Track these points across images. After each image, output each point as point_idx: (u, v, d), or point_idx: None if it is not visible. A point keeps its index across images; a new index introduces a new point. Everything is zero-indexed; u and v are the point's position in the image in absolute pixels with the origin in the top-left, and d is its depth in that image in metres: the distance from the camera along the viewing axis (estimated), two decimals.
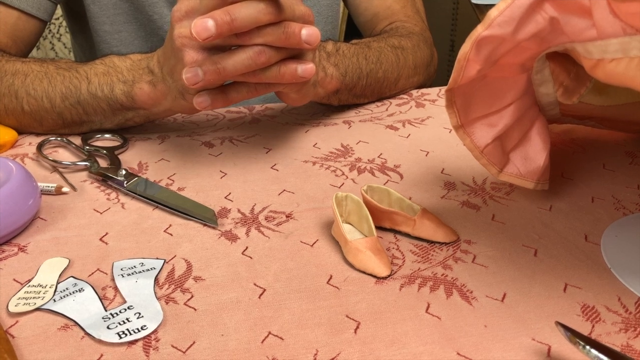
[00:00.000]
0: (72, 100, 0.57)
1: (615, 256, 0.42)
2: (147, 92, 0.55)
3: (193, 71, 0.47)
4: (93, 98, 0.56)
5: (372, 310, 0.37)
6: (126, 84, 0.55)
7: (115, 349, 0.34)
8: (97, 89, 0.56)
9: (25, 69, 0.58)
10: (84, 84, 0.56)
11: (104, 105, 0.57)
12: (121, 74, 0.56)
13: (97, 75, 0.56)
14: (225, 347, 0.34)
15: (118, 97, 0.56)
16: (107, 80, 0.56)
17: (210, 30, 0.43)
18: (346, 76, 0.62)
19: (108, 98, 0.56)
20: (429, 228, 0.43)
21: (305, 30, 0.46)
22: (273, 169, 0.55)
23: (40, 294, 0.38)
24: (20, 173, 0.45)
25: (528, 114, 0.46)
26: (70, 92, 0.57)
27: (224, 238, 0.44)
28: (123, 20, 0.76)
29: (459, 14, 1.86)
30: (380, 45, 0.68)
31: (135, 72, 0.55)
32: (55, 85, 0.57)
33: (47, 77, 0.58)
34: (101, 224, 0.46)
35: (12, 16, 0.66)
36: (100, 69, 0.57)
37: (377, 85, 0.68)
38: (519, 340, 0.35)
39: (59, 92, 0.57)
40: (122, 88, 0.56)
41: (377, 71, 0.66)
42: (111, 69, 0.56)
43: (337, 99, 0.66)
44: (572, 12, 0.33)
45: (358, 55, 0.64)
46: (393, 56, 0.68)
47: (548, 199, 0.49)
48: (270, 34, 0.46)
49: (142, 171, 0.54)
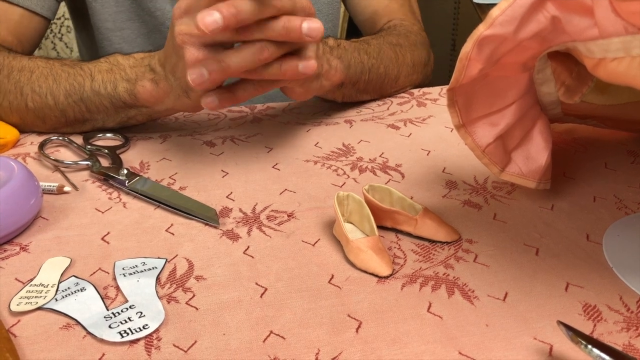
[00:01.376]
0: (76, 98, 0.57)
1: (617, 255, 0.42)
2: (149, 90, 0.55)
3: (198, 72, 0.47)
4: (96, 95, 0.56)
5: (373, 310, 0.37)
6: (129, 82, 0.55)
7: (116, 348, 0.34)
8: (100, 87, 0.56)
9: (32, 66, 0.58)
10: (88, 81, 0.57)
11: (107, 102, 0.57)
12: (124, 72, 0.56)
13: (101, 73, 0.56)
14: (227, 347, 0.34)
15: (121, 95, 0.56)
16: (110, 77, 0.56)
17: (217, 23, 0.43)
18: (350, 69, 0.62)
19: (111, 96, 0.56)
20: (430, 227, 0.43)
21: (306, 24, 0.46)
22: (274, 169, 0.55)
23: (42, 293, 0.38)
24: (22, 172, 0.45)
25: (530, 113, 0.46)
26: (74, 89, 0.57)
27: (225, 237, 0.44)
28: (125, 17, 0.76)
29: (460, 13, 1.86)
30: (379, 42, 0.68)
31: (138, 70, 0.55)
32: (60, 83, 0.57)
33: (52, 74, 0.58)
34: (103, 224, 0.46)
35: (15, 14, 0.66)
36: (104, 67, 0.57)
37: (379, 81, 0.68)
38: (521, 340, 0.35)
39: (62, 89, 0.57)
40: (125, 86, 0.56)
41: (378, 66, 0.66)
42: (114, 66, 0.56)
43: (341, 94, 0.66)
44: (573, 11, 0.33)
45: (359, 50, 0.64)
46: (392, 53, 0.68)
47: (550, 198, 0.49)
48: (270, 29, 0.46)
49: (143, 170, 0.54)
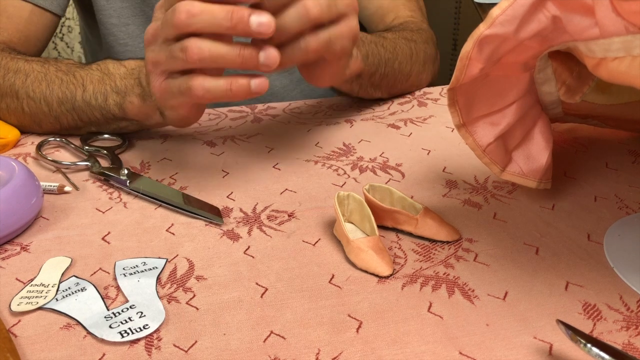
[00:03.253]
0: (68, 106, 0.56)
1: (618, 255, 0.42)
2: (137, 106, 0.54)
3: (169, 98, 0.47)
4: (87, 106, 0.56)
5: (374, 310, 0.37)
6: (119, 94, 0.54)
7: (117, 348, 0.34)
8: (91, 97, 0.55)
9: (27, 69, 0.58)
10: (79, 91, 0.56)
11: (97, 114, 0.56)
12: (114, 83, 0.55)
13: (93, 83, 0.56)
14: (227, 347, 0.34)
15: (111, 108, 0.55)
16: (101, 89, 0.55)
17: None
18: (368, 59, 0.61)
19: (101, 107, 0.55)
20: (431, 227, 0.43)
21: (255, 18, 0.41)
22: (275, 168, 0.55)
23: (42, 293, 0.38)
24: (23, 172, 0.45)
25: (530, 113, 0.46)
26: (66, 97, 0.56)
27: (226, 237, 0.44)
28: (130, 13, 0.76)
29: (461, 13, 1.86)
30: (394, 36, 0.67)
31: (127, 82, 0.54)
32: (53, 90, 0.56)
33: (46, 80, 0.57)
34: (103, 223, 0.46)
35: (25, 10, 0.65)
36: (95, 76, 0.56)
37: (392, 76, 0.67)
38: (521, 339, 0.35)
39: (55, 96, 0.56)
40: (114, 99, 0.55)
41: (393, 61, 0.66)
42: (105, 76, 0.55)
43: (358, 85, 0.65)
44: (574, 11, 0.33)
45: (376, 43, 0.64)
46: (407, 49, 0.68)
47: (550, 197, 0.49)
48: None
49: (144, 170, 0.54)
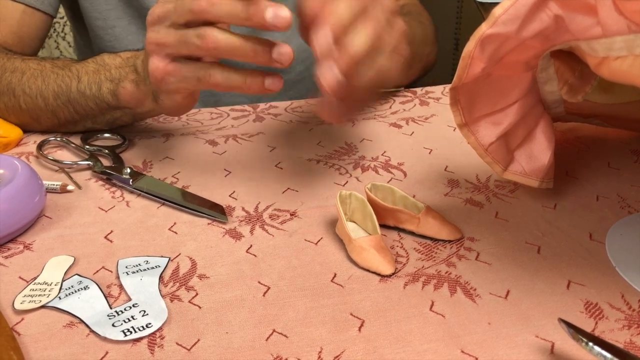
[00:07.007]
0: (64, 99, 0.57)
1: (620, 254, 0.42)
2: (130, 91, 0.54)
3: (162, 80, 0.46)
4: (82, 97, 0.56)
5: (376, 308, 0.37)
6: (112, 82, 0.55)
7: (120, 347, 0.34)
8: (85, 87, 0.56)
9: (23, 67, 0.58)
10: (74, 82, 0.56)
11: (92, 104, 0.56)
12: (109, 72, 0.55)
13: (87, 74, 0.56)
14: (230, 345, 0.34)
15: (104, 96, 0.55)
16: (96, 78, 0.55)
17: None
18: None
19: (95, 97, 0.56)
20: (433, 226, 0.43)
21: None
22: (277, 167, 0.55)
23: (45, 292, 0.38)
24: (26, 171, 0.45)
25: (533, 112, 0.46)
26: (62, 90, 0.57)
27: (228, 236, 0.44)
28: (115, 15, 0.76)
29: (463, 12, 1.86)
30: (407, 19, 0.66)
31: (122, 71, 0.55)
32: (48, 84, 0.57)
33: (42, 76, 0.57)
34: (106, 222, 0.46)
35: (17, 11, 0.66)
36: (90, 68, 0.56)
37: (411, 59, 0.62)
38: (523, 338, 0.35)
39: (51, 90, 0.57)
40: (108, 86, 0.55)
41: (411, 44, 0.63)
42: (101, 67, 0.56)
43: None
44: (576, 10, 0.33)
45: None
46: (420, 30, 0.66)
47: (552, 197, 0.49)
48: None
49: (146, 169, 0.54)
